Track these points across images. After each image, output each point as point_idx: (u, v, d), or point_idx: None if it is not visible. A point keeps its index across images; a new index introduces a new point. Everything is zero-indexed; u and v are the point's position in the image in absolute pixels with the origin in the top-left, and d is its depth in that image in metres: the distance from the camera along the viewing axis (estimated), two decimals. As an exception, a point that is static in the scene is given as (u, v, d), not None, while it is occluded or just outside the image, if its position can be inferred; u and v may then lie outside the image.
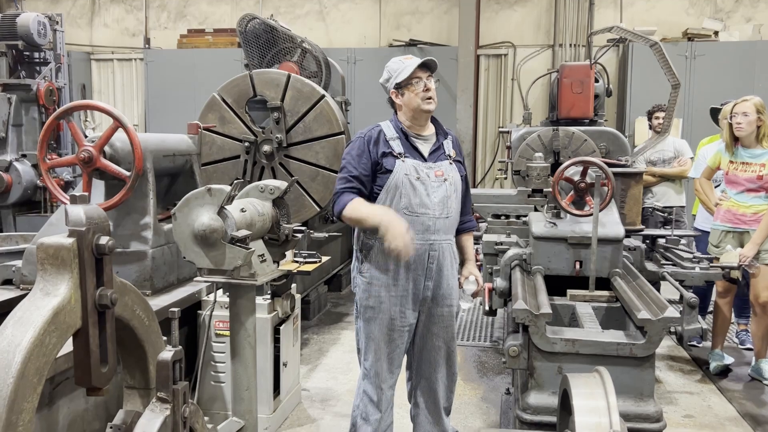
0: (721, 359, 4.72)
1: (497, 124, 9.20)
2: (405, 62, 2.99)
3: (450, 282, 3.08)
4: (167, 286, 3.54)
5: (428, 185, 2.95)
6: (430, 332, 3.11)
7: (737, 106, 4.56)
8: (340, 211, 2.90)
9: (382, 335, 3.02)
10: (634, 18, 8.76)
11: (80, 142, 3.14)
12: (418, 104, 2.97)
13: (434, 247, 2.98)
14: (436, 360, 3.15)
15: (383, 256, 2.95)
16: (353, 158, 2.96)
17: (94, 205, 1.84)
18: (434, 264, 3.00)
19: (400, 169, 2.93)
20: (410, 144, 3.01)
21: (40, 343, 1.63)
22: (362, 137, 3.01)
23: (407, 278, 2.98)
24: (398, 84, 2.98)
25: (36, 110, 7.34)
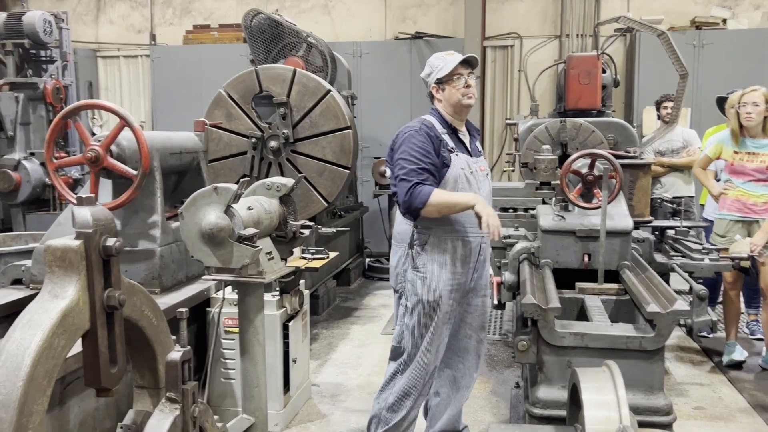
0: (736, 352, 4.67)
1: (504, 116, 9.14)
2: (447, 58, 3.01)
3: (488, 273, 3.19)
4: (176, 284, 3.55)
5: (478, 179, 3.03)
6: (464, 321, 3.17)
7: (746, 95, 4.52)
8: (424, 201, 2.81)
9: (439, 328, 3.03)
10: (641, 7, 8.67)
11: (87, 141, 3.15)
12: (458, 99, 2.99)
13: (485, 239, 3.06)
14: (465, 349, 3.20)
15: (440, 250, 2.98)
16: (418, 150, 2.90)
17: (101, 207, 1.84)
18: (482, 256, 3.09)
19: (456, 164, 2.97)
20: (458, 138, 3.06)
21: (49, 345, 1.64)
22: (418, 130, 2.96)
23: (462, 271, 3.03)
24: (439, 79, 3.01)
25: (43, 108, 7.36)
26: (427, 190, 2.83)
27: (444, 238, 2.98)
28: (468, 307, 3.15)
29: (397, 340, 3.10)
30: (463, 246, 2.99)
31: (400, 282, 3.07)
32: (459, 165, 2.97)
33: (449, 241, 2.98)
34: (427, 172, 2.88)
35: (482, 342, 3.25)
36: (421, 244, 2.99)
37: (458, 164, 2.97)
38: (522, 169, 5.67)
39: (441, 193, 2.87)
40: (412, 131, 2.97)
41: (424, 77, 3.11)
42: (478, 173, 3.04)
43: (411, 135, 2.95)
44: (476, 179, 3.01)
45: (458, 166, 2.96)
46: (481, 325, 3.21)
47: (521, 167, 5.69)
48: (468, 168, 2.99)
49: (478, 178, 3.03)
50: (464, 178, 2.97)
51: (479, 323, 3.20)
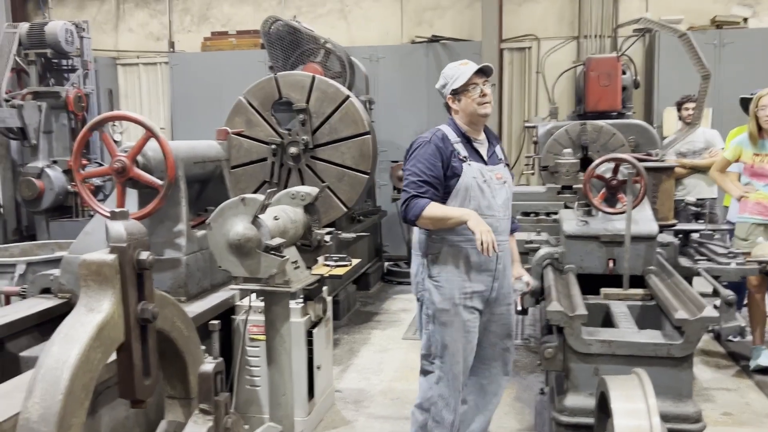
0: (763, 357, 4.61)
1: (522, 119, 9.10)
2: (461, 68, 3.01)
3: (510, 281, 3.17)
4: (201, 292, 3.58)
5: (493, 188, 3.01)
6: (487, 330, 3.15)
7: (764, 97, 4.49)
8: (417, 214, 2.86)
9: (460, 337, 3.03)
10: (660, 6, 8.61)
11: (113, 152, 3.18)
12: (474, 109, 2.99)
13: (501, 247, 3.02)
14: (491, 357, 3.19)
15: (453, 259, 2.99)
16: (423, 162, 2.93)
17: (134, 221, 1.86)
18: (501, 264, 3.07)
19: (468, 173, 2.96)
20: (472, 147, 3.04)
21: (86, 359, 1.66)
22: (428, 141, 2.99)
23: (479, 280, 3.03)
24: (455, 90, 3.01)
25: (65, 117, 7.46)
26: (422, 204, 2.87)
27: (458, 246, 2.98)
28: (491, 316, 3.14)
29: (425, 349, 3.12)
30: (478, 254, 2.94)
31: (420, 291, 3.11)
32: (471, 174, 2.97)
33: (463, 249, 2.98)
34: (427, 185, 2.92)
35: (509, 350, 3.23)
36: (436, 252, 3.02)
37: (470, 173, 2.97)
38: (542, 173, 5.65)
39: (435, 207, 2.89)
40: (423, 142, 3.01)
41: (439, 88, 3.11)
42: (492, 181, 3.02)
43: (420, 147, 3.01)
44: (490, 188, 3.00)
45: (470, 175, 2.96)
46: (506, 333, 3.20)
47: (541, 171, 5.67)
48: (481, 177, 2.99)
49: (493, 186, 3.01)
50: (476, 186, 2.97)
51: (504, 332, 3.19)
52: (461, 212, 2.87)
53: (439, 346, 3.05)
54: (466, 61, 3.06)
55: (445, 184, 2.96)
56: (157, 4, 10.09)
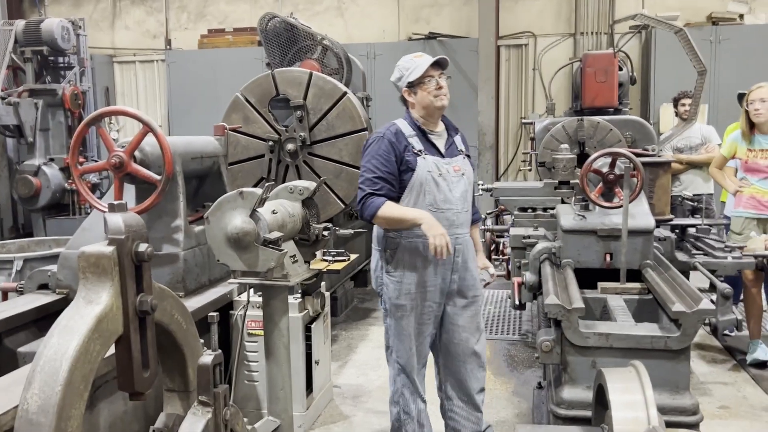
0: (760, 351, 4.63)
1: (519, 115, 9.14)
2: (416, 61, 3.00)
3: (474, 273, 3.16)
4: (199, 288, 3.58)
5: (449, 181, 3.00)
6: (455, 325, 3.16)
7: (754, 92, 4.53)
8: (372, 214, 2.90)
9: (413, 330, 3.08)
10: (656, 3, 8.63)
11: (111, 147, 3.18)
12: (431, 101, 2.99)
13: (459, 240, 3.04)
14: (463, 352, 3.19)
15: (410, 254, 3.00)
16: (376, 158, 2.95)
17: (132, 213, 1.86)
18: (460, 257, 3.07)
19: (422, 167, 2.96)
20: (428, 140, 3.03)
21: (85, 350, 1.67)
22: (382, 137, 3.01)
23: (435, 273, 3.03)
24: (410, 83, 3.00)
25: (62, 114, 7.47)
26: (378, 203, 2.88)
27: (414, 241, 2.99)
28: (455, 308, 3.14)
29: (385, 341, 3.19)
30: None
31: (378, 285, 3.15)
32: (426, 168, 2.96)
33: (419, 243, 2.97)
34: (382, 181, 2.92)
35: (480, 342, 3.23)
36: (393, 247, 3.03)
37: (425, 167, 2.96)
38: (539, 169, 5.66)
39: (391, 207, 2.90)
40: (377, 138, 3.02)
41: (394, 81, 3.10)
42: (449, 174, 3.01)
43: (373, 143, 3.02)
44: (446, 181, 2.99)
45: (425, 169, 2.96)
46: (476, 326, 3.20)
47: (538, 166, 5.67)
48: (437, 170, 2.98)
49: (449, 179, 3.00)
50: (431, 180, 2.96)
51: (473, 324, 3.19)
52: (415, 214, 2.88)
53: (395, 339, 3.11)
54: (420, 54, 3.05)
55: (401, 179, 2.96)
56: (153, 2, 10.08)
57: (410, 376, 3.13)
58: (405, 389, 3.15)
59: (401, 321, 3.07)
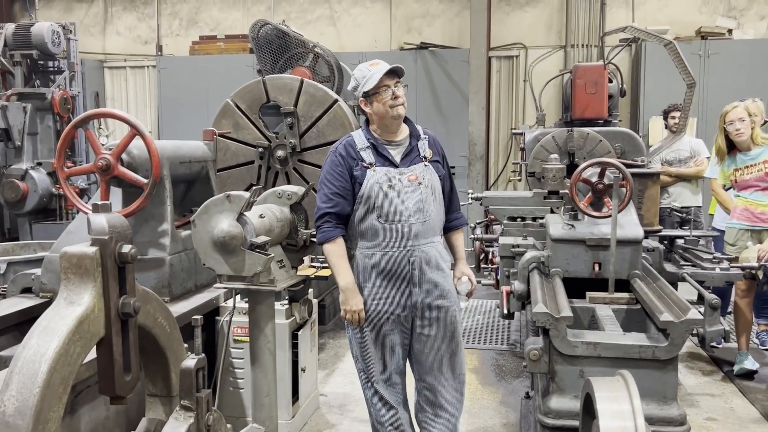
0: (748, 361, 4.64)
1: (510, 126, 9.16)
2: (371, 69, 2.94)
3: (440, 283, 3.03)
4: (185, 293, 3.55)
5: (401, 192, 2.91)
6: (426, 336, 3.06)
7: (729, 113, 4.60)
8: (321, 242, 2.89)
9: (371, 339, 3.01)
10: (646, 17, 8.70)
11: (98, 150, 3.15)
12: (386, 112, 2.92)
13: (413, 252, 2.95)
14: (437, 364, 3.10)
15: (364, 265, 2.96)
16: (331, 173, 2.91)
17: (116, 214, 1.84)
18: (417, 270, 2.96)
19: (371, 179, 2.89)
20: (379, 152, 2.96)
21: (65, 352, 1.64)
22: (335, 150, 2.97)
23: (389, 286, 2.96)
24: (366, 93, 2.93)
25: (51, 119, 7.41)
26: (329, 236, 2.87)
27: (366, 252, 2.95)
28: (424, 320, 3.04)
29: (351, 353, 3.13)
30: (386, 261, 2.93)
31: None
32: (374, 180, 2.90)
33: (370, 255, 2.94)
34: (337, 196, 2.89)
35: (455, 353, 3.13)
36: (350, 257, 2.98)
37: (373, 179, 2.90)
38: (529, 179, 5.66)
39: (335, 250, 2.89)
40: (332, 151, 2.99)
41: (350, 90, 3.05)
42: (401, 185, 2.93)
43: (329, 156, 2.98)
44: (397, 192, 2.91)
45: (373, 181, 2.90)
46: (450, 335, 3.09)
47: (528, 176, 5.68)
48: (387, 181, 2.91)
49: (401, 190, 2.92)
50: (380, 192, 2.90)
51: (447, 334, 3.08)
52: (342, 280, 2.90)
53: (357, 348, 3.05)
54: (376, 61, 2.99)
55: (353, 191, 2.92)
56: (145, 8, 10.06)
57: (375, 386, 3.07)
58: (373, 398, 3.09)
59: (357, 330, 3.01)
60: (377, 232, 2.92)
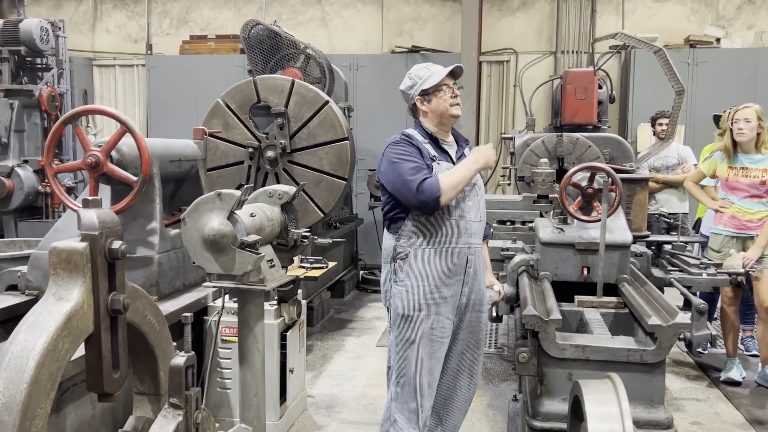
0: (735, 371, 4.66)
1: (499, 130, 9.18)
2: (431, 69, 2.98)
3: (482, 287, 3.06)
4: (173, 292, 3.52)
5: (463, 189, 2.93)
6: (456, 338, 3.03)
7: (739, 112, 4.58)
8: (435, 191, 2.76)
9: (423, 347, 2.91)
10: (635, 25, 8.76)
11: (87, 146, 3.13)
12: (446, 109, 2.95)
13: (472, 250, 2.96)
14: (457, 367, 3.08)
15: (422, 263, 2.90)
16: (405, 153, 2.87)
17: (107, 210, 1.83)
18: (472, 268, 2.98)
19: (437, 172, 2.88)
20: (441, 148, 2.99)
21: (53, 348, 1.62)
22: (398, 141, 2.94)
23: (447, 284, 2.93)
24: (425, 90, 2.96)
25: (38, 116, 7.34)
26: (434, 180, 2.79)
27: (426, 249, 2.90)
28: (460, 323, 3.03)
29: (388, 360, 3.04)
30: (447, 257, 2.91)
31: (387, 298, 3.02)
32: (440, 173, 2.89)
33: (432, 252, 2.90)
34: (424, 167, 2.84)
35: (477, 360, 3.12)
36: (403, 257, 2.93)
37: (439, 172, 2.88)
38: (518, 183, 5.68)
39: (446, 175, 2.82)
40: (394, 142, 2.96)
41: (405, 89, 3.04)
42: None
43: (392, 146, 2.94)
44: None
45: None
46: (475, 342, 3.08)
47: (518, 181, 5.70)
48: None
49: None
50: None
51: (474, 341, 3.07)
52: (469, 160, 2.88)
53: (401, 357, 2.94)
54: (432, 63, 3.04)
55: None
56: (135, 6, 10.01)
57: (414, 398, 2.91)
58: (400, 416, 2.93)
59: (408, 335, 2.91)
60: (441, 228, 2.90)
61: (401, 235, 2.95)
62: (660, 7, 8.89)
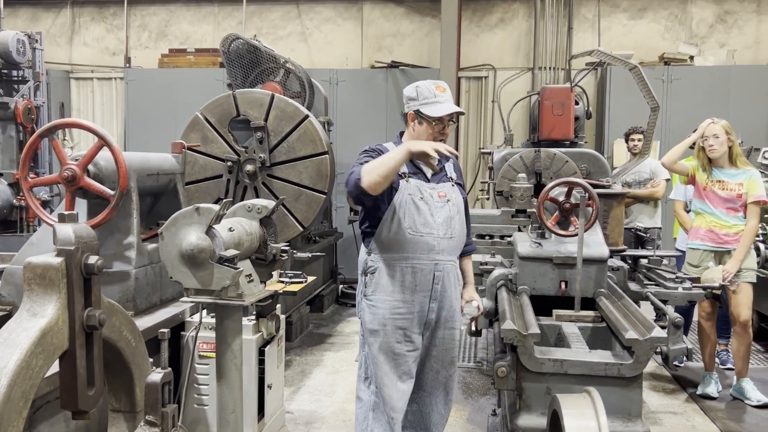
0: (711, 386, 4.70)
1: (478, 145, 9.26)
2: (439, 96, 2.93)
3: (453, 304, 3.05)
4: (150, 307, 3.49)
5: (431, 205, 2.94)
6: (429, 355, 3.05)
7: (707, 129, 4.66)
8: (356, 180, 2.71)
9: (389, 360, 2.94)
10: (611, 42, 8.91)
11: (64, 160, 3.10)
12: (426, 139, 2.91)
13: (439, 267, 2.96)
14: (432, 384, 3.08)
15: (389, 277, 2.92)
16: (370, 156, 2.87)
17: (83, 224, 1.81)
18: (439, 284, 2.97)
19: (404, 189, 2.91)
20: (413, 164, 2.98)
21: (27, 365, 1.60)
22: (372, 149, 2.95)
23: (413, 300, 2.94)
24: (422, 114, 2.94)
25: (14, 128, 7.28)
26: (357, 170, 2.74)
27: (393, 264, 2.93)
28: (433, 339, 3.03)
29: (360, 372, 3.05)
30: (412, 273, 2.92)
31: (359, 311, 3.05)
32: (407, 190, 2.91)
33: (398, 267, 2.92)
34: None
35: (451, 377, 3.12)
36: (372, 271, 2.96)
37: (406, 190, 2.91)
38: (497, 197, 5.73)
39: (369, 165, 2.74)
40: (365, 151, 2.97)
41: (407, 97, 3.02)
42: (432, 199, 2.95)
43: (363, 153, 2.95)
44: (428, 205, 2.93)
45: (406, 192, 2.91)
46: (450, 360, 3.09)
47: (496, 195, 5.74)
48: (418, 193, 2.92)
49: (431, 203, 2.94)
50: (412, 203, 2.91)
51: (449, 358, 3.08)
52: (395, 152, 2.73)
53: (370, 369, 2.97)
54: (444, 88, 2.99)
55: (383, 199, 2.89)
56: (114, 19, 9.96)
57: (383, 411, 2.94)
58: (377, 425, 2.96)
59: (374, 348, 2.94)
60: (406, 243, 2.91)
61: (371, 249, 2.98)
62: (635, 25, 9.05)
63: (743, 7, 8.86)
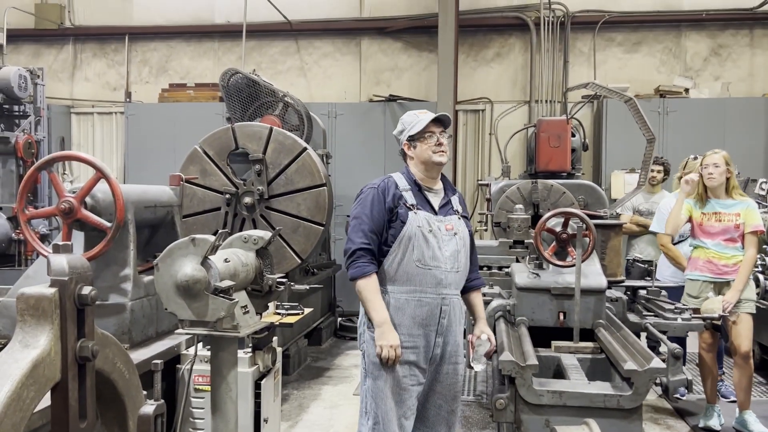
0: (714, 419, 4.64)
1: (476, 177, 9.30)
2: (419, 116, 3.02)
3: (457, 339, 3.02)
4: (146, 340, 3.47)
5: (440, 238, 2.94)
6: (432, 390, 3.01)
7: (707, 158, 4.68)
8: (355, 277, 2.88)
9: (392, 395, 2.89)
10: (606, 75, 9.02)
11: (61, 192, 3.11)
12: (429, 156, 2.98)
13: (446, 301, 2.94)
14: (434, 420, 3.03)
15: (394, 310, 2.91)
16: (370, 210, 2.93)
17: (77, 255, 1.81)
18: (446, 319, 2.95)
19: (413, 221, 2.91)
20: (422, 196, 3.01)
21: (18, 397, 1.58)
22: (375, 188, 2.99)
23: (419, 333, 2.91)
24: (411, 137, 3.01)
25: (14, 163, 7.31)
26: (365, 271, 2.87)
27: (400, 297, 2.92)
28: (437, 375, 3.00)
29: (361, 407, 3.00)
30: (419, 306, 2.91)
31: (361, 343, 3.02)
32: (416, 223, 2.92)
33: (404, 300, 2.91)
34: (372, 233, 2.91)
35: (454, 413, 3.07)
36: None
37: (415, 222, 2.91)
38: (495, 229, 5.74)
39: (369, 287, 2.87)
40: (369, 188, 3.01)
41: (396, 135, 3.11)
42: (440, 232, 2.95)
43: (365, 193, 3.00)
44: (437, 238, 2.93)
45: (415, 224, 2.91)
46: (453, 395, 3.04)
47: (494, 226, 5.75)
48: (427, 226, 2.93)
49: (440, 236, 2.94)
50: (421, 236, 2.91)
51: (451, 393, 3.04)
52: (379, 316, 2.86)
53: (372, 404, 2.91)
54: (424, 111, 3.07)
55: (390, 231, 2.92)
56: (115, 55, 10.09)
57: None
58: None
59: (378, 382, 2.89)
60: (413, 277, 2.91)
61: (379, 280, 2.95)
62: (630, 59, 9.17)
63: (737, 41, 8.99)
